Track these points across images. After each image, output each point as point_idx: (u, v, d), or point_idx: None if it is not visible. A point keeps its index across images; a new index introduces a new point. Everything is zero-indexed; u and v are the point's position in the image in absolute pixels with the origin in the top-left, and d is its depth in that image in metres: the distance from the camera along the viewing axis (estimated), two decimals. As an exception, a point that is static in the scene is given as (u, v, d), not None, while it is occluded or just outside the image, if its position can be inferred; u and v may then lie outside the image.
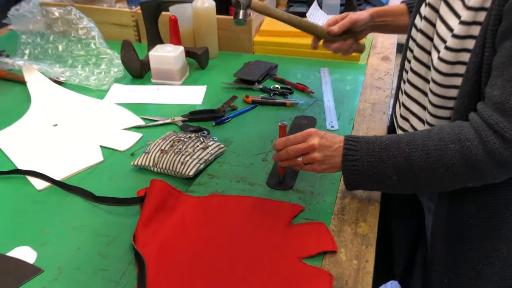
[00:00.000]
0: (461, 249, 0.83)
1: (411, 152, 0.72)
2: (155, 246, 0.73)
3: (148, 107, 1.17)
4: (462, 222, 0.81)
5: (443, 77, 0.75)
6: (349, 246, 0.74)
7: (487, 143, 0.67)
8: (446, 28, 0.75)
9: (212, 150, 0.94)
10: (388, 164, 0.74)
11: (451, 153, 0.69)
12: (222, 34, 1.42)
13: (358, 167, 0.76)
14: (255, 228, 0.77)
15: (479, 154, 0.67)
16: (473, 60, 0.70)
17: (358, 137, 0.78)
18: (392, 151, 0.73)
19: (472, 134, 0.68)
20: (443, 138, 0.70)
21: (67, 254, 0.74)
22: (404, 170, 0.73)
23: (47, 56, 1.38)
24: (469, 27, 0.71)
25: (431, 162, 0.71)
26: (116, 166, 0.95)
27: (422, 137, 0.72)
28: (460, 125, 0.71)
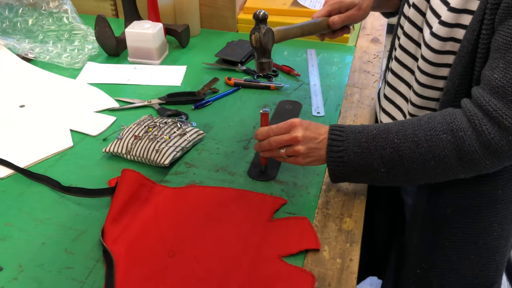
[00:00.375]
0: (436, 239, 0.80)
1: (400, 143, 0.67)
2: (125, 242, 0.68)
3: (123, 88, 1.10)
4: (439, 211, 0.78)
5: (434, 54, 0.70)
6: (333, 243, 0.70)
7: (481, 132, 0.62)
8: (441, 1, 0.69)
9: (190, 136, 0.88)
10: (376, 156, 0.69)
11: (443, 143, 0.65)
12: (204, 10, 1.34)
13: (343, 159, 0.71)
14: (234, 223, 0.73)
15: (473, 145, 0.63)
16: (468, 37, 0.64)
17: (344, 127, 0.73)
18: (380, 141, 0.69)
19: (465, 123, 0.64)
20: (434, 128, 0.66)
21: (29, 250, 0.68)
22: (392, 162, 0.68)
23: (16, 31, 1.29)
24: (467, 0, 0.65)
25: (422, 153, 0.66)
26: (86, 152, 0.88)
27: (412, 126, 0.68)
28: (452, 113, 0.66)
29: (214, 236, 0.70)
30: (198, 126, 0.95)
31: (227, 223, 0.73)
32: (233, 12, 1.33)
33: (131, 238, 0.69)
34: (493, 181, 0.74)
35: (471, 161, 0.64)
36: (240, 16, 1.35)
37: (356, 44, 1.29)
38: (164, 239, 0.70)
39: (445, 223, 0.79)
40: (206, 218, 0.73)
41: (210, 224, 0.72)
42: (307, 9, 1.34)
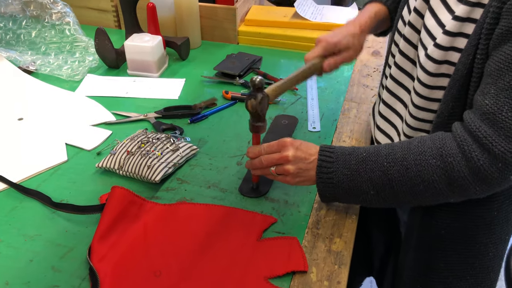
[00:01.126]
0: (431, 260, 0.79)
1: (390, 167, 0.67)
2: (111, 261, 0.68)
3: (121, 101, 1.10)
4: (434, 232, 0.76)
5: (428, 77, 0.69)
6: (321, 265, 0.69)
7: (470, 159, 0.61)
8: (436, 22, 0.68)
9: (183, 152, 0.88)
10: (365, 178, 0.68)
11: (432, 168, 0.64)
12: (205, 22, 1.35)
13: (333, 180, 0.71)
14: (222, 242, 0.72)
15: (462, 171, 0.62)
16: (463, 61, 0.63)
17: (334, 148, 0.72)
18: (369, 164, 0.68)
19: (455, 149, 0.63)
20: (424, 152, 0.65)
21: (17, 267, 0.69)
22: (382, 185, 0.68)
23: (19, 42, 1.30)
24: (462, 24, 0.64)
25: (411, 178, 0.65)
26: (80, 167, 0.89)
27: (402, 150, 0.67)
28: (442, 137, 0.65)
29: (201, 255, 0.70)
30: (193, 140, 0.95)
31: (215, 242, 0.72)
32: (234, 24, 1.33)
33: (118, 257, 0.69)
34: (488, 203, 0.73)
35: (461, 186, 0.63)
36: (241, 28, 1.35)
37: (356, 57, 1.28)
38: (151, 257, 0.69)
39: (440, 244, 0.78)
40: (194, 237, 0.73)
41: (198, 242, 0.72)
42: (308, 21, 1.34)
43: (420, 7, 0.73)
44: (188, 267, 0.68)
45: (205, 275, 0.67)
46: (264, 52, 1.29)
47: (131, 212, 0.75)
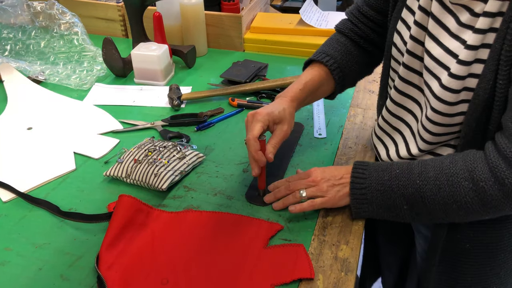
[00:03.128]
0: (458, 275, 0.79)
1: (422, 185, 0.68)
2: (119, 268, 0.69)
3: (129, 109, 1.11)
4: (459, 247, 0.77)
5: (447, 106, 0.68)
6: (328, 272, 0.69)
7: (504, 185, 0.62)
8: (444, 50, 0.67)
9: (189, 160, 0.88)
10: (398, 194, 0.70)
11: (465, 190, 0.65)
12: (211, 30, 1.36)
13: (366, 196, 0.73)
14: (229, 249, 0.72)
15: (495, 195, 0.63)
16: (483, 86, 0.63)
17: (367, 164, 0.74)
18: (402, 181, 0.70)
19: (487, 173, 0.63)
20: (456, 174, 0.66)
21: (26, 276, 0.69)
22: (415, 201, 0.69)
23: (29, 53, 1.32)
24: (477, 51, 0.63)
25: (444, 197, 0.67)
26: (88, 176, 0.90)
27: (434, 169, 0.68)
28: (474, 159, 0.65)
29: (208, 263, 0.70)
30: (199, 148, 0.96)
31: (222, 250, 0.72)
32: (240, 32, 1.34)
33: (126, 265, 0.69)
34: None
35: (495, 207, 0.64)
36: (246, 35, 1.36)
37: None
38: (158, 265, 0.70)
39: (466, 259, 0.78)
40: (201, 244, 0.73)
41: (204, 250, 0.72)
42: (313, 28, 1.34)
43: (417, 34, 0.72)
44: (195, 275, 0.68)
45: (212, 283, 0.67)
46: (270, 59, 1.30)
47: (139, 220, 0.76)
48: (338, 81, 0.88)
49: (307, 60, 0.90)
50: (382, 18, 0.85)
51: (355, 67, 0.89)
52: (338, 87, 0.89)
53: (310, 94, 0.86)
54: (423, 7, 0.70)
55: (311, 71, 0.87)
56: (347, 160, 0.92)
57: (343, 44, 0.89)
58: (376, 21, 0.87)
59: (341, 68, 0.87)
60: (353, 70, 0.89)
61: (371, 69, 0.95)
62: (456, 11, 0.65)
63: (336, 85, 0.89)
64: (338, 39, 0.90)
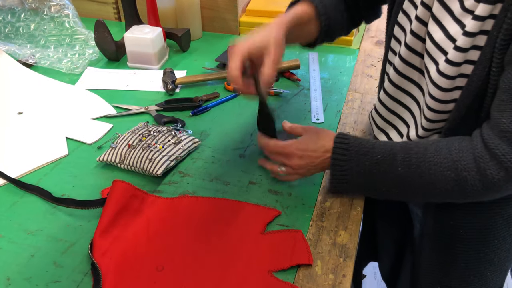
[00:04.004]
0: (451, 261, 0.78)
1: (404, 172, 0.68)
2: (114, 255, 0.67)
3: (122, 93, 1.09)
4: (453, 233, 0.76)
5: (442, 92, 0.67)
6: (326, 258, 0.68)
7: (486, 176, 0.62)
8: (445, 35, 0.66)
9: (184, 145, 0.86)
10: (379, 179, 0.70)
11: (446, 180, 0.65)
12: (206, 13, 1.33)
13: (346, 177, 0.72)
14: (226, 235, 0.71)
15: (476, 185, 0.63)
16: (478, 74, 0.62)
17: (349, 144, 0.72)
18: (384, 167, 0.69)
19: (471, 163, 0.63)
20: (440, 163, 0.65)
21: (18, 263, 0.68)
22: (394, 186, 0.70)
23: (18, 35, 1.29)
24: (474, 38, 0.62)
25: (424, 185, 0.67)
26: (81, 161, 0.88)
27: (417, 156, 0.67)
28: (459, 149, 0.65)
29: (204, 249, 0.69)
30: (195, 133, 0.94)
31: (218, 236, 0.71)
32: (235, 15, 1.31)
33: (120, 251, 0.68)
34: (505, 200, 0.73)
35: (473, 197, 0.65)
36: (242, 19, 1.33)
37: (359, 47, 1.26)
38: (153, 252, 0.68)
39: (460, 244, 0.78)
40: (197, 230, 0.72)
41: (201, 236, 0.71)
42: (310, 11, 1.32)
43: (422, 15, 0.70)
44: (191, 261, 0.67)
45: (208, 269, 0.66)
46: (266, 43, 1.27)
47: (133, 206, 0.74)
48: (323, 28, 0.81)
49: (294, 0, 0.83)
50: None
51: (340, 19, 0.84)
52: (321, 34, 0.83)
53: (297, 26, 0.77)
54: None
55: (299, 6, 0.79)
56: (345, 145, 0.90)
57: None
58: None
59: (328, 15, 0.81)
60: (338, 21, 0.84)
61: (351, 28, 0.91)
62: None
63: (320, 31, 0.82)
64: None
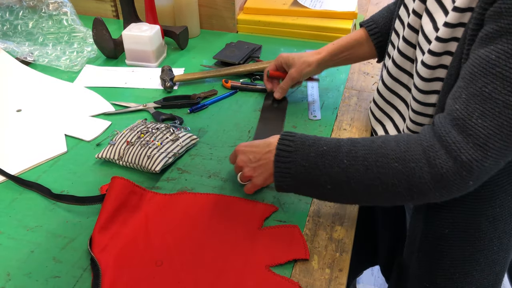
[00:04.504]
0: (437, 259, 0.79)
1: (349, 165, 0.64)
2: (113, 251, 0.68)
3: (120, 91, 1.09)
4: (438, 232, 0.76)
5: (424, 83, 0.68)
6: (323, 253, 0.69)
7: (434, 166, 0.59)
8: (433, 27, 0.67)
9: (183, 142, 0.87)
10: (323, 173, 0.65)
11: (393, 172, 0.61)
12: (203, 11, 1.33)
13: (290, 170, 0.68)
14: (224, 231, 0.72)
15: (423, 177, 0.60)
16: (455, 65, 0.62)
17: (294, 136, 0.69)
18: (328, 159, 0.65)
19: (419, 154, 0.60)
20: (386, 155, 0.62)
21: (18, 259, 0.69)
22: (339, 182, 0.65)
23: (17, 33, 1.29)
24: (454, 30, 0.62)
25: (370, 178, 0.63)
26: (80, 158, 0.88)
27: (364, 148, 0.64)
28: (407, 140, 0.62)
29: (203, 244, 0.70)
30: (193, 130, 0.94)
31: (217, 231, 0.72)
32: (232, 12, 1.31)
33: (119, 247, 0.69)
34: (490, 200, 0.72)
35: (420, 191, 0.61)
36: (239, 16, 1.34)
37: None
38: (152, 247, 0.69)
39: (445, 243, 0.77)
40: (195, 226, 0.73)
41: (199, 232, 0.72)
42: (307, 9, 1.33)
43: (418, 8, 0.71)
44: (189, 257, 0.68)
45: (207, 264, 0.67)
46: (263, 41, 1.28)
47: (132, 202, 0.75)
48: (377, 45, 0.92)
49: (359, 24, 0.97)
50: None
51: None
52: (379, 50, 0.93)
53: (346, 50, 0.93)
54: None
55: (353, 32, 0.95)
56: (342, 142, 0.91)
57: (390, 11, 0.92)
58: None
59: (381, 33, 0.91)
60: None
61: None
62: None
63: (377, 48, 0.93)
64: (389, 6, 0.94)
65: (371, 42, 0.92)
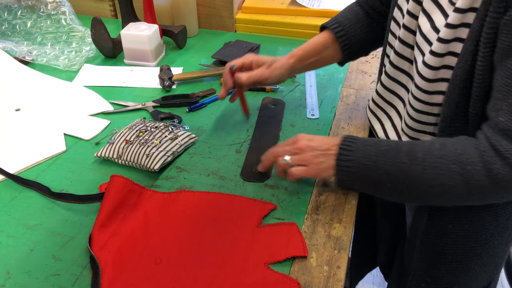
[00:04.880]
0: (439, 254, 0.79)
1: (409, 164, 0.66)
2: (112, 249, 0.68)
3: (119, 90, 1.10)
4: (441, 227, 0.77)
5: (427, 83, 0.68)
6: (321, 250, 0.69)
7: (491, 170, 0.61)
8: (432, 27, 0.68)
9: (181, 140, 0.87)
10: (383, 171, 0.68)
11: (451, 174, 0.64)
12: (202, 10, 1.34)
13: (350, 168, 0.71)
14: (222, 229, 0.72)
15: (482, 180, 0.62)
16: (462, 66, 0.63)
17: (357, 138, 0.73)
18: (389, 157, 0.68)
19: (476, 158, 0.63)
20: (444, 156, 0.65)
21: (18, 257, 0.69)
22: (398, 180, 0.67)
23: (15, 33, 1.29)
24: (456, 30, 0.63)
25: (429, 179, 0.65)
26: (79, 157, 0.89)
27: (423, 150, 0.67)
28: (464, 144, 0.65)
29: (202, 242, 0.70)
30: (191, 129, 0.95)
31: (215, 229, 0.72)
32: (231, 12, 1.32)
33: (119, 245, 0.69)
34: None
35: (479, 193, 0.64)
36: (238, 16, 1.34)
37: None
38: (151, 245, 0.69)
39: (448, 238, 0.79)
40: (194, 224, 0.73)
41: (198, 229, 0.72)
42: (306, 8, 1.33)
43: (413, 9, 0.72)
44: (188, 254, 0.68)
45: (206, 262, 0.67)
46: (262, 40, 1.28)
47: (131, 201, 0.75)
48: (343, 48, 0.90)
49: (320, 27, 0.94)
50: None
51: (363, 36, 0.90)
52: (345, 53, 0.91)
53: (313, 55, 0.90)
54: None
55: (317, 36, 0.92)
56: (340, 140, 0.92)
57: (354, 12, 0.91)
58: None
59: (347, 36, 0.89)
60: (362, 38, 0.90)
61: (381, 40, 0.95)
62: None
63: (342, 52, 0.91)
64: (352, 8, 0.92)
65: (337, 45, 0.90)
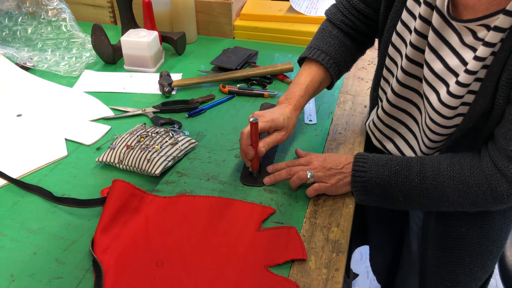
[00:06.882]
0: (457, 258, 0.83)
1: (420, 183, 0.73)
2: (114, 252, 0.69)
3: (119, 96, 1.11)
4: (456, 231, 0.81)
5: (445, 120, 0.72)
6: (320, 253, 0.71)
7: (495, 191, 0.67)
8: (444, 66, 0.70)
9: (182, 146, 0.89)
10: (397, 189, 0.75)
11: (458, 193, 0.70)
12: (201, 17, 1.36)
13: (367, 188, 0.77)
14: (223, 233, 0.74)
15: (487, 200, 0.68)
16: (481, 103, 0.66)
17: (367, 158, 0.77)
18: (401, 178, 0.74)
19: (482, 179, 0.68)
20: (452, 177, 0.70)
21: (21, 260, 0.70)
22: (411, 196, 0.74)
23: (16, 39, 1.31)
24: (476, 74, 0.65)
25: (438, 196, 0.72)
26: (80, 162, 0.90)
27: (432, 169, 0.72)
28: (471, 165, 0.69)
29: (202, 246, 0.71)
30: (191, 134, 0.96)
31: (216, 233, 0.74)
32: (229, 18, 1.34)
33: (121, 248, 0.70)
34: None
35: (482, 207, 0.71)
36: (236, 22, 1.36)
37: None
38: (153, 248, 0.71)
39: (462, 241, 0.83)
40: (195, 228, 0.74)
41: (198, 233, 0.73)
42: (303, 15, 1.35)
43: (417, 42, 0.73)
44: (189, 257, 0.69)
45: (206, 265, 0.68)
46: (260, 46, 1.30)
47: (132, 205, 0.76)
48: (335, 76, 0.92)
49: (302, 56, 0.92)
50: (373, 12, 0.87)
51: (349, 58, 0.92)
52: (335, 80, 0.93)
53: (312, 95, 0.91)
54: (423, 16, 0.71)
55: (309, 71, 0.90)
56: (337, 146, 0.93)
57: (336, 37, 0.90)
58: (367, 15, 0.88)
59: (336, 63, 0.90)
60: (348, 60, 0.93)
61: (363, 53, 0.98)
62: (460, 30, 0.67)
63: (333, 79, 0.92)
64: (331, 32, 0.91)
65: (329, 75, 0.91)
